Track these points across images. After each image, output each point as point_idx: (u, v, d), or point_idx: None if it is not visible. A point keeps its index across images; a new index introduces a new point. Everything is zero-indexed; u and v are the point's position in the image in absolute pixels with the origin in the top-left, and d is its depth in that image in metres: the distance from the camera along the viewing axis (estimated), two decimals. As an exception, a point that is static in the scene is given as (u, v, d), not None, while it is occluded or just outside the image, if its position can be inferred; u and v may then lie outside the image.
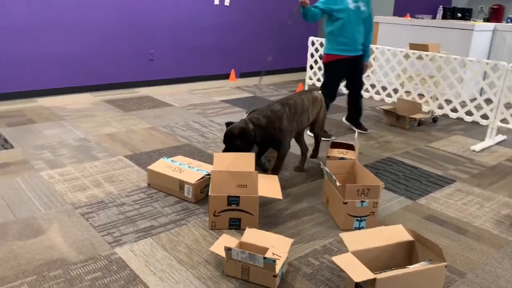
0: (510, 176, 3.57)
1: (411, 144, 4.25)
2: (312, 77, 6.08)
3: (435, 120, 5.13)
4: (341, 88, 4.64)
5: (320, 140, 3.63)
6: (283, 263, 2.09)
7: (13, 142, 3.76)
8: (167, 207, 2.76)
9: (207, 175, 2.88)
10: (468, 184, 3.38)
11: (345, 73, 4.19)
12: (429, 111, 4.97)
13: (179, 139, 4.03)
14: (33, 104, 4.98)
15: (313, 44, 5.97)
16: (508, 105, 5.23)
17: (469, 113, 5.04)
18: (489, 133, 4.36)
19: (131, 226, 2.52)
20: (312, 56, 6.03)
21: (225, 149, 2.88)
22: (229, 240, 2.23)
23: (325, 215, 2.77)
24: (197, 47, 6.57)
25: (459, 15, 6.86)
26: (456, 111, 4.94)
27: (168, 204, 2.80)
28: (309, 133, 4.02)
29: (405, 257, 2.14)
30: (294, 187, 3.15)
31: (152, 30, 6.02)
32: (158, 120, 4.60)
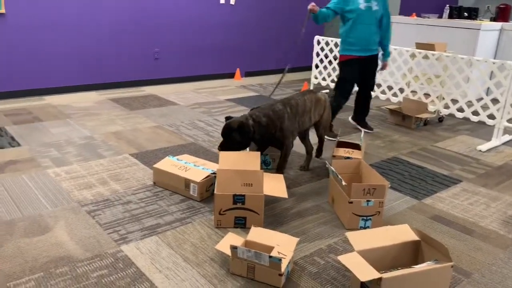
0: (516, 176, 3.56)
1: (417, 143, 4.24)
2: (317, 76, 6.08)
3: (441, 119, 5.10)
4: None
5: (323, 140, 3.62)
6: (289, 262, 2.09)
7: (20, 140, 3.79)
8: (172, 205, 2.76)
9: (212, 173, 2.88)
10: (474, 184, 3.36)
11: (357, 73, 4.16)
12: (435, 111, 4.95)
13: (184, 138, 4.04)
14: (40, 102, 5.00)
15: (319, 43, 5.96)
16: (515, 105, 5.20)
17: (476, 113, 5.02)
18: (495, 133, 4.34)
19: (137, 224, 2.53)
20: (317, 55, 6.02)
21: (222, 142, 2.87)
22: (235, 238, 2.23)
23: (331, 214, 2.77)
24: (202, 46, 6.58)
25: (466, 14, 6.82)
26: (462, 110, 4.91)
27: (173, 202, 2.81)
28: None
29: (411, 257, 2.13)
30: (299, 186, 3.15)
31: (157, 29, 6.04)
32: (163, 118, 4.61)
